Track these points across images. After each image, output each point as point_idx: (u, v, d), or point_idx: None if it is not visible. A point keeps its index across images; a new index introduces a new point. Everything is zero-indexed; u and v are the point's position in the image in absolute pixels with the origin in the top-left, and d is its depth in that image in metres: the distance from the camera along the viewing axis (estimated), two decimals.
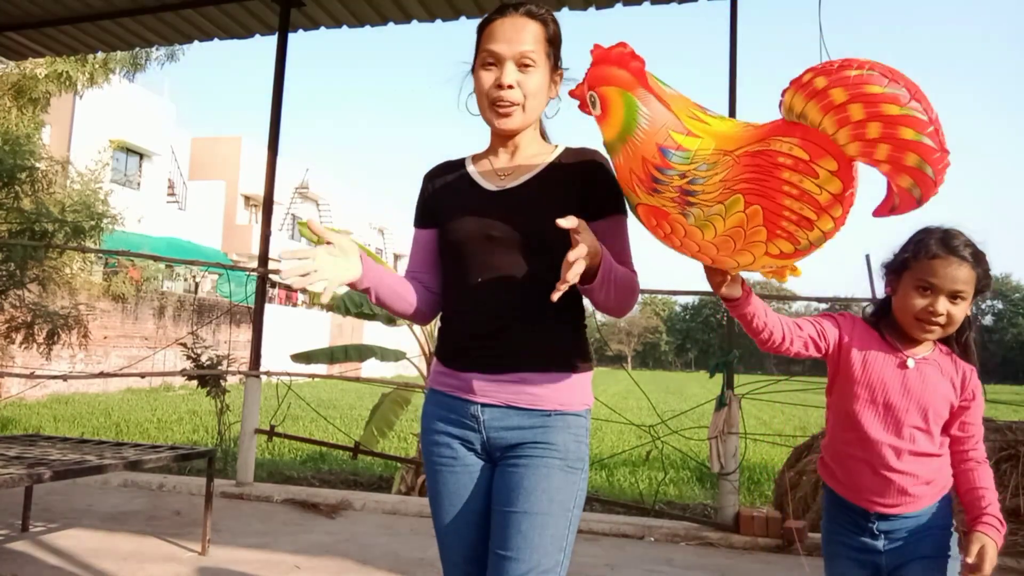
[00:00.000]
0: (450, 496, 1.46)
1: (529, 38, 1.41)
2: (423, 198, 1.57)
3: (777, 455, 8.09)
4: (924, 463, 1.54)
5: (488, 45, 1.42)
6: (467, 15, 4.78)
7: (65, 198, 8.77)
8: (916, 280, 1.51)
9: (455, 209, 1.46)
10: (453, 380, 1.45)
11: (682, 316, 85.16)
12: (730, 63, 4.23)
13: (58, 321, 7.17)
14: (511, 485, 1.37)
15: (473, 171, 1.52)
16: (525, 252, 1.39)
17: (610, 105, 1.30)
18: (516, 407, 1.39)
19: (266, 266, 5.00)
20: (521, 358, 1.39)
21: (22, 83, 11.94)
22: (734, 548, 3.86)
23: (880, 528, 1.57)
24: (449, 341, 1.47)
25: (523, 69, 1.41)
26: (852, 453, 1.58)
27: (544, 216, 1.36)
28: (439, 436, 1.46)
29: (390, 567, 3.33)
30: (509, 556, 1.32)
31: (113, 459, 3.11)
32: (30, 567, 3.12)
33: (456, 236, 1.44)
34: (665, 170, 1.23)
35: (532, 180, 1.45)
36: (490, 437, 1.41)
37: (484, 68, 1.43)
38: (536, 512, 1.34)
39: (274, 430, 4.89)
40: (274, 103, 4.97)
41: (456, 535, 1.46)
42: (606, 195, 1.45)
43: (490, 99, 1.43)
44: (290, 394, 5.58)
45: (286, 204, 31.28)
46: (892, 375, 1.54)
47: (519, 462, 1.39)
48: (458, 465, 1.45)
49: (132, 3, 5.01)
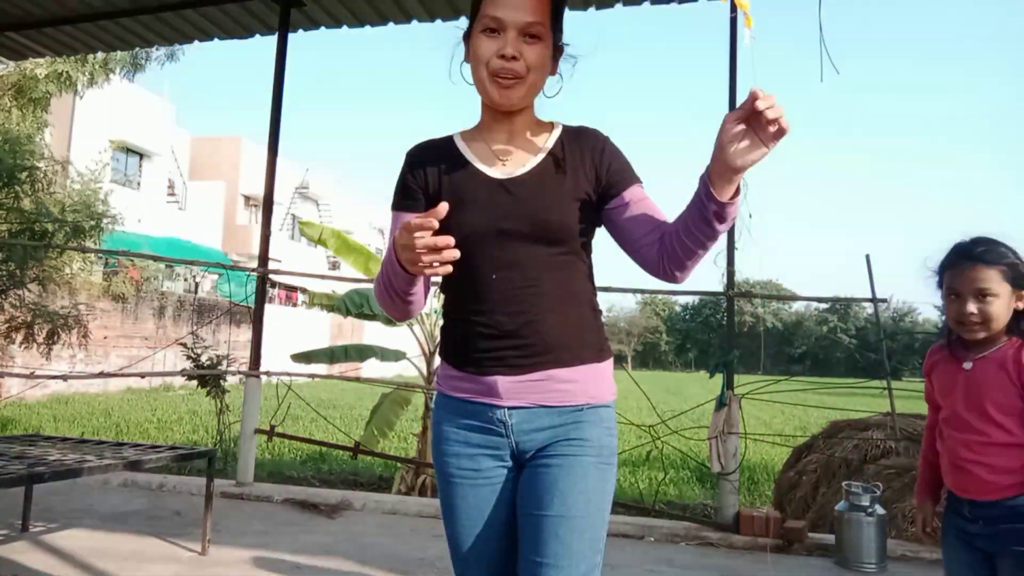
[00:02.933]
0: (469, 511, 1.36)
1: (536, 6, 1.29)
2: (406, 180, 1.40)
3: (777, 455, 8.08)
4: (999, 453, 1.66)
5: (490, 10, 1.30)
6: (467, 15, 4.77)
7: (65, 198, 8.77)
8: (946, 291, 1.73)
9: (456, 200, 1.30)
10: (473, 384, 1.34)
11: (682, 316, 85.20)
12: (730, 63, 4.23)
13: (58, 321, 7.17)
14: (545, 487, 1.29)
15: (467, 152, 1.38)
16: (539, 242, 1.31)
17: None
18: (546, 406, 1.31)
19: (266, 266, 5.00)
20: (550, 353, 1.30)
21: (22, 83, 11.94)
22: (734, 548, 3.86)
23: (972, 512, 1.71)
24: (465, 343, 1.34)
25: (528, 40, 1.30)
26: (945, 448, 1.80)
27: (557, 204, 1.31)
28: (459, 447, 1.36)
29: (390, 567, 3.33)
30: (547, 563, 1.26)
31: (113, 459, 3.11)
32: (30, 567, 3.12)
33: (463, 231, 1.27)
34: None
35: (539, 166, 1.35)
36: (519, 442, 1.32)
37: (485, 34, 1.31)
38: (573, 516, 1.27)
39: (274, 430, 4.89)
40: (274, 103, 4.97)
41: (475, 552, 1.37)
42: (621, 168, 1.37)
43: (491, 69, 1.30)
44: (290, 394, 5.57)
45: (286, 204, 31.27)
46: (953, 381, 1.75)
47: (552, 462, 1.31)
48: (480, 479, 1.35)
49: (132, 3, 5.01)
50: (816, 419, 12.21)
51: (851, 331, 74.92)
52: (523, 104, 1.36)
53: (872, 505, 3.60)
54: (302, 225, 7.11)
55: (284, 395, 5.43)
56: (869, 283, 4.49)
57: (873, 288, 4.46)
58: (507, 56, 1.29)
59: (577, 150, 1.37)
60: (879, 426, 4.79)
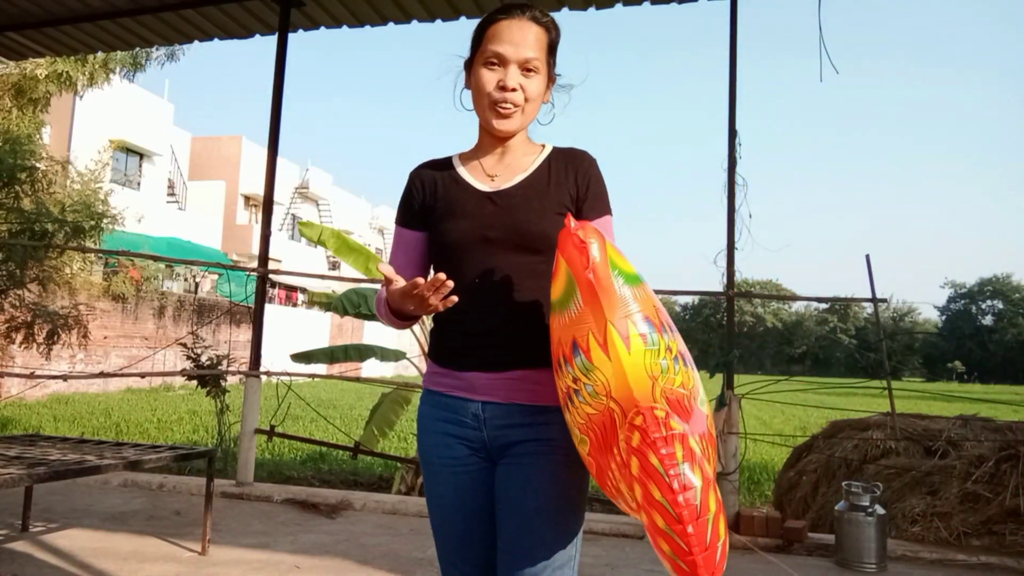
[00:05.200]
0: (450, 497, 1.45)
1: (534, 43, 1.43)
2: (409, 197, 1.55)
3: (777, 455, 8.09)
4: None
5: (493, 46, 1.43)
6: (467, 15, 4.77)
7: (65, 198, 8.76)
8: None
9: (447, 211, 1.46)
10: (453, 380, 1.45)
11: (682, 316, 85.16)
12: (730, 63, 4.24)
13: (58, 321, 7.17)
14: (519, 483, 1.38)
15: (463, 171, 1.51)
16: (521, 251, 1.41)
17: (558, 275, 1.30)
18: (518, 403, 1.40)
19: (266, 266, 5.00)
20: (524, 355, 1.40)
21: (22, 83, 11.93)
22: (734, 548, 3.86)
23: None
24: (447, 342, 1.47)
25: (526, 73, 1.43)
26: None
27: (539, 215, 1.42)
28: (438, 437, 1.46)
29: (390, 567, 3.33)
30: (522, 555, 1.35)
31: (113, 459, 3.11)
32: (30, 567, 3.12)
33: (451, 238, 1.43)
34: (566, 364, 1.24)
35: (525, 180, 1.47)
36: (491, 436, 1.42)
37: (487, 67, 1.44)
38: (546, 509, 1.36)
39: (274, 430, 4.89)
40: (274, 103, 4.97)
41: (457, 537, 1.45)
42: (597, 195, 1.48)
43: (492, 100, 1.43)
44: (290, 394, 5.58)
45: (286, 204, 31.28)
46: None
47: (523, 460, 1.39)
48: (458, 465, 1.44)
49: (132, 3, 5.01)
50: (816, 419, 12.22)
51: (851, 331, 74.98)
52: (519, 130, 1.49)
53: (872, 505, 3.60)
54: (302, 226, 7.11)
55: (284, 395, 5.43)
56: (869, 283, 4.50)
57: (873, 288, 4.47)
58: (508, 87, 1.42)
59: (563, 166, 1.49)
60: (879, 426, 4.79)
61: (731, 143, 4.17)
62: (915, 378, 56.45)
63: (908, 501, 4.20)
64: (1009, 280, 72.43)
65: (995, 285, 73.06)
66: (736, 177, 4.17)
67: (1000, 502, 3.98)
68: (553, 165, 1.49)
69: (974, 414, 4.83)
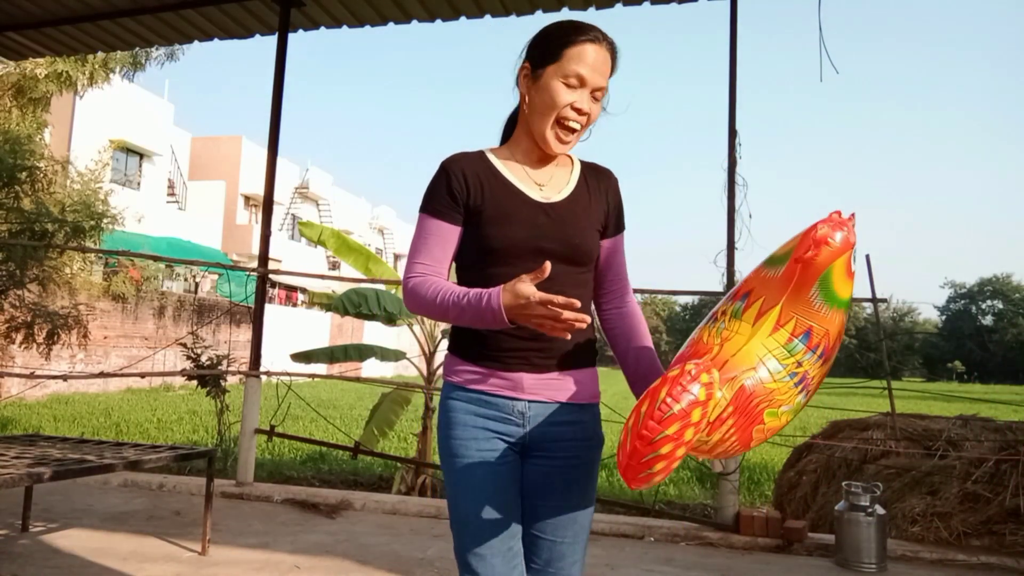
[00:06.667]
0: (486, 488, 1.48)
1: (607, 72, 1.51)
2: (449, 189, 1.51)
3: (777, 455, 8.09)
4: None
5: (577, 66, 1.46)
6: (467, 15, 4.78)
7: (65, 198, 8.77)
8: None
9: (500, 216, 1.49)
10: (497, 379, 1.50)
11: (682, 316, 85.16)
12: (730, 63, 4.24)
13: (58, 321, 7.16)
14: (567, 480, 1.52)
15: (505, 171, 1.54)
16: (569, 262, 1.51)
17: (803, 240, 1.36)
18: (560, 402, 1.51)
19: (266, 266, 5.00)
20: (568, 358, 1.51)
21: (22, 83, 11.94)
22: (734, 548, 3.86)
23: None
24: (491, 342, 1.50)
25: (593, 100, 1.50)
26: None
27: (585, 231, 1.53)
28: (478, 431, 1.50)
29: (390, 567, 3.33)
30: (567, 542, 1.52)
31: (113, 459, 3.11)
32: (30, 567, 3.12)
33: (504, 243, 1.47)
34: (731, 299, 1.47)
35: (571, 195, 1.55)
36: (532, 432, 1.50)
37: (567, 84, 1.48)
38: (587, 504, 1.54)
39: (274, 430, 4.89)
40: (274, 103, 4.97)
41: (491, 526, 1.48)
42: (619, 214, 1.62)
43: (560, 116, 1.48)
44: (290, 394, 5.58)
45: (286, 204, 31.28)
46: None
47: (568, 455, 1.52)
48: (498, 459, 1.50)
49: (132, 3, 5.01)
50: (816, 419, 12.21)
51: (851, 331, 74.89)
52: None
53: (872, 505, 3.60)
54: (302, 226, 7.11)
55: (284, 395, 5.43)
56: (869, 283, 4.49)
57: (873, 288, 4.47)
58: (582, 111, 1.49)
59: (596, 184, 1.60)
60: (879, 426, 4.79)
61: (731, 143, 4.17)
62: (915, 378, 56.44)
63: (908, 501, 4.20)
64: (1009, 280, 72.40)
65: (995, 285, 73.02)
66: (736, 177, 4.17)
67: (1000, 502, 3.99)
68: (589, 182, 1.58)
69: (974, 414, 4.83)
